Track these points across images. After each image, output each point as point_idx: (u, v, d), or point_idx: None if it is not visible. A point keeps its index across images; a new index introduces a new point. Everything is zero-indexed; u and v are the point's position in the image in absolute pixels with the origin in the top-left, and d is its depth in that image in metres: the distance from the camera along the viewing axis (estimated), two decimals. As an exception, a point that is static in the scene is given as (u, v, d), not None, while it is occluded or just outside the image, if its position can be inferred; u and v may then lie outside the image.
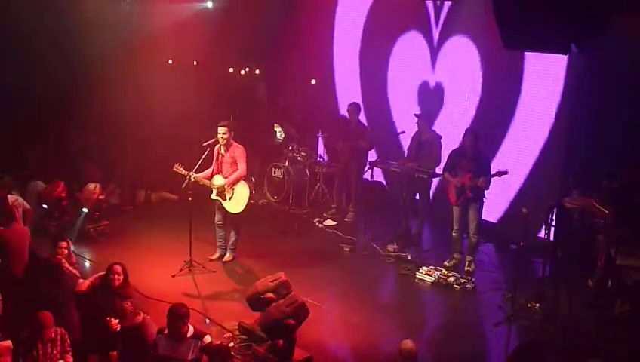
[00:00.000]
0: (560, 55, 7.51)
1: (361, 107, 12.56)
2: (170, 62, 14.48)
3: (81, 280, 7.93)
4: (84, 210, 11.13)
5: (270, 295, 7.96)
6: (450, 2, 12.19)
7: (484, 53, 11.70)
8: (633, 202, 9.32)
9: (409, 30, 12.97)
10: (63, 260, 8.15)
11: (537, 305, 9.23)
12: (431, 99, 12.67)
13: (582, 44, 6.56)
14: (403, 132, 11.84)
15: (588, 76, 9.99)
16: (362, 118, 12.68)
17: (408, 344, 6.71)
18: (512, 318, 8.96)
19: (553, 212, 9.22)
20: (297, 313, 7.54)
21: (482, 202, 10.32)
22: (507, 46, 6.86)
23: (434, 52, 12.62)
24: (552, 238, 9.46)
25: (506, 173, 9.91)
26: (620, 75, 9.58)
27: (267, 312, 7.71)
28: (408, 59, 13.06)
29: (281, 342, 7.57)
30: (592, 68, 9.78)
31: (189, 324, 6.80)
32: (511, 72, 11.32)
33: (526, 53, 10.64)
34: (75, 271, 8.28)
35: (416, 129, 11.46)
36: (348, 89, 14.15)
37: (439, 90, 12.63)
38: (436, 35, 12.54)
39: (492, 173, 10.01)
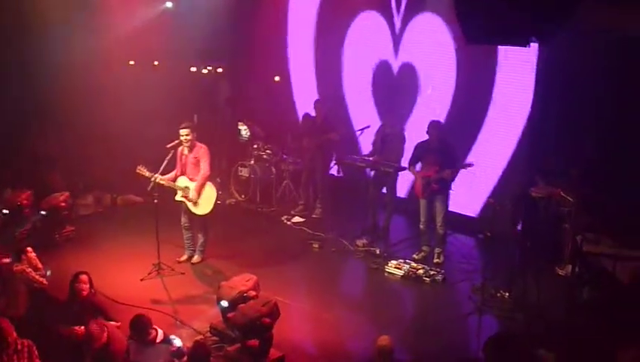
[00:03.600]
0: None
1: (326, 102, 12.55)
2: (131, 63, 14.33)
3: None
4: (42, 212, 10.94)
5: (253, 293, 8.00)
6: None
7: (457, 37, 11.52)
8: (598, 190, 9.45)
9: (365, 11, 12.98)
10: (28, 269, 8.03)
11: (507, 294, 9.32)
12: (395, 88, 12.67)
13: (543, 37, 6.59)
14: (368, 126, 11.84)
15: (554, 68, 10.11)
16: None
17: (385, 340, 6.72)
18: (482, 308, 9.02)
19: (520, 201, 9.31)
20: (272, 313, 7.51)
21: (448, 194, 10.37)
22: (469, 40, 6.88)
23: (396, 35, 12.62)
24: (519, 227, 9.56)
25: (471, 165, 9.97)
26: (583, 67, 9.73)
27: (241, 312, 7.63)
28: (366, 46, 13.04)
29: (252, 342, 7.51)
30: (557, 60, 9.91)
31: (156, 329, 6.74)
32: (486, 61, 11.32)
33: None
34: (41, 279, 8.16)
35: (380, 123, 11.49)
36: (304, 85, 14.15)
37: (405, 78, 12.63)
38: (398, 19, 12.53)
39: (458, 165, 10.06)
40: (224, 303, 7.90)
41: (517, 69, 11.01)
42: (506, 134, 11.33)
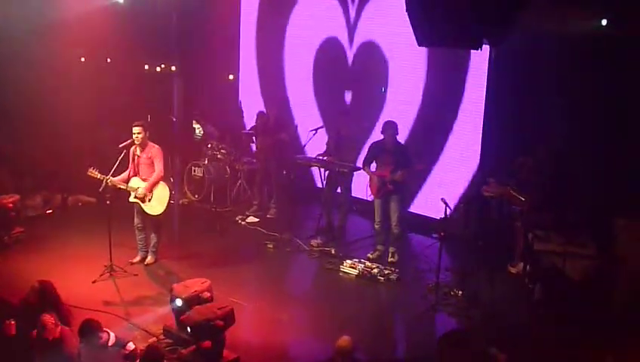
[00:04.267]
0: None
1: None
2: (82, 59, 14.11)
3: None
4: None
5: (208, 294, 7.96)
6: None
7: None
8: (546, 185, 9.61)
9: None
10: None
11: (460, 292, 9.41)
12: (350, 84, 12.72)
13: (493, 38, 6.69)
14: (322, 126, 11.86)
15: (502, 68, 10.26)
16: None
17: (345, 341, 6.72)
18: (436, 307, 9.10)
19: (471, 200, 9.42)
20: (226, 317, 7.46)
21: (404, 194, 10.43)
22: (421, 44, 6.95)
23: (350, 22, 12.65)
24: (471, 226, 9.68)
25: (424, 166, 10.05)
26: (532, 66, 9.89)
27: (196, 311, 7.58)
28: (316, 37, 13.11)
29: (206, 343, 7.46)
30: (506, 60, 10.05)
31: (108, 332, 6.66)
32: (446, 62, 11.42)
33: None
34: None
35: (336, 123, 11.51)
36: (252, 85, 14.16)
37: (359, 71, 12.65)
38: (353, 10, 12.58)
39: (411, 166, 10.14)
40: (178, 302, 7.83)
41: (474, 67, 11.13)
42: (466, 134, 11.43)
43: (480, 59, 10.74)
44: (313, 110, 13.20)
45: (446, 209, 9.23)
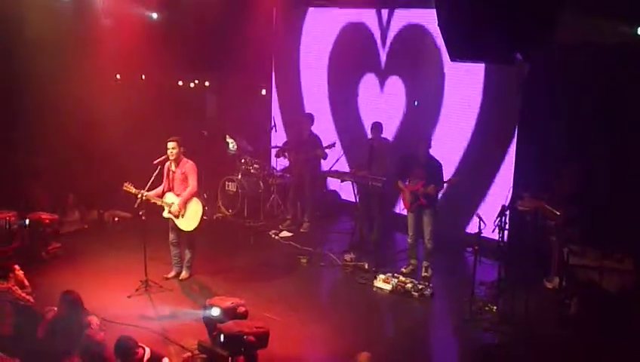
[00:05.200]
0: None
1: (314, 118, 12.58)
2: (118, 77, 14.31)
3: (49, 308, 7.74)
4: (26, 221, 10.89)
5: (243, 309, 7.99)
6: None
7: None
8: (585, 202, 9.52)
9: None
10: (15, 287, 7.99)
11: (494, 307, 9.33)
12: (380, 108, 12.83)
13: (527, 53, 6.67)
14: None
15: (533, 82, 10.20)
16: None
17: (364, 357, 6.70)
18: (470, 322, 9.03)
19: (506, 215, 9.34)
20: (260, 337, 7.50)
21: (436, 208, 10.39)
22: (453, 58, 6.94)
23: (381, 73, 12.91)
24: (506, 240, 9.59)
25: (457, 180, 10.01)
26: (566, 80, 9.82)
27: (235, 323, 7.66)
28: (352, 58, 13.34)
29: (241, 359, 7.50)
30: (537, 74, 9.99)
31: (143, 348, 6.72)
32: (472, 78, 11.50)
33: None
34: (28, 296, 8.12)
35: (370, 137, 11.52)
36: (290, 100, 14.21)
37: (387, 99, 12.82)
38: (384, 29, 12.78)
39: (444, 180, 10.10)
40: (216, 311, 7.86)
41: (504, 82, 11.09)
42: (493, 148, 11.44)
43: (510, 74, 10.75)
44: (348, 125, 13.25)
45: (480, 223, 9.18)
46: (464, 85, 11.62)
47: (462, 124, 11.74)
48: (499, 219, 9.23)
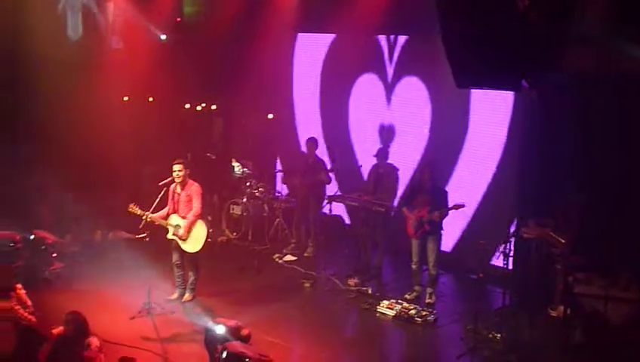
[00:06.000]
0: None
1: (318, 142, 12.61)
2: (125, 98, 14.39)
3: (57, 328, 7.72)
4: (32, 236, 10.89)
5: (247, 331, 8.03)
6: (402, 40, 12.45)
7: (433, 90, 12.08)
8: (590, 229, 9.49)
9: (365, 69, 13.27)
10: (17, 306, 7.97)
11: (498, 335, 9.27)
12: (387, 133, 12.84)
13: (532, 80, 6.69)
14: (361, 166, 11.89)
15: (537, 109, 10.22)
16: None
17: None
18: (474, 350, 8.96)
19: (510, 241, 9.31)
20: None
21: (440, 234, 10.38)
22: (460, 86, 6.97)
23: (388, 88, 12.86)
24: (510, 268, 9.56)
25: (462, 206, 10.00)
26: (571, 106, 9.85)
27: (241, 344, 7.68)
28: (365, 96, 13.37)
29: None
30: (542, 101, 10.01)
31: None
32: (459, 106, 11.58)
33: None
34: (30, 316, 8.10)
35: (375, 162, 11.54)
36: (307, 124, 14.27)
37: (394, 124, 12.85)
38: (390, 71, 12.79)
39: (449, 206, 10.09)
40: (221, 328, 7.85)
41: (491, 110, 11.31)
42: (479, 174, 11.58)
43: (505, 100, 10.90)
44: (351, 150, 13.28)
45: (485, 250, 9.16)
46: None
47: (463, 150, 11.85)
48: (503, 246, 9.20)
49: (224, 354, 7.48)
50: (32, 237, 10.94)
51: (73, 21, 13.46)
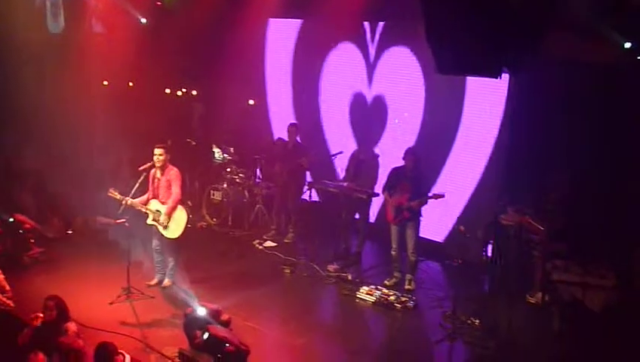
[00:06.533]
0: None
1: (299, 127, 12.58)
2: (105, 83, 14.27)
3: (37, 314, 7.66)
4: (10, 219, 10.83)
5: (227, 317, 8.17)
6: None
7: (426, 66, 11.72)
8: (569, 216, 9.56)
9: (343, 43, 13.15)
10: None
11: (477, 321, 9.33)
12: (369, 116, 12.79)
13: (514, 67, 6.72)
14: (341, 152, 11.86)
15: (524, 97, 10.26)
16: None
17: None
18: (452, 335, 9.02)
19: (490, 229, 9.37)
20: (240, 354, 7.58)
21: (419, 221, 10.40)
22: (441, 71, 6.98)
23: (370, 66, 12.76)
24: (489, 255, 9.62)
25: (442, 196, 10.03)
26: (552, 95, 9.89)
27: (223, 329, 7.77)
28: (342, 75, 13.22)
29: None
30: (527, 88, 10.05)
31: (123, 354, 6.68)
32: (453, 91, 11.46)
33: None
34: (8, 301, 8.05)
35: (355, 148, 11.52)
36: (281, 110, 14.25)
37: (377, 106, 12.75)
38: (372, 49, 12.67)
39: (429, 195, 10.11)
40: (202, 310, 7.88)
41: (486, 97, 11.14)
42: (473, 161, 11.46)
43: (499, 88, 10.79)
44: (339, 136, 13.26)
45: (465, 237, 9.20)
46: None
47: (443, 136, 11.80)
48: (482, 233, 9.26)
49: (205, 336, 7.51)
50: (11, 220, 10.86)
51: (54, 9, 13.32)
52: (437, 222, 11.53)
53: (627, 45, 9.14)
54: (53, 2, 13.20)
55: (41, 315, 7.44)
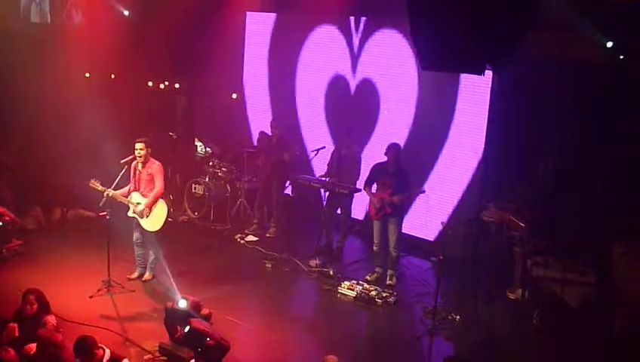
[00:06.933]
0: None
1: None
2: (87, 75, 14.17)
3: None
4: None
5: (207, 311, 8.16)
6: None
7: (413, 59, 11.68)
8: (548, 211, 9.62)
9: (322, 34, 13.12)
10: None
11: (457, 317, 9.37)
12: (351, 110, 12.77)
13: (496, 64, 6.74)
14: (324, 147, 11.85)
15: (507, 93, 10.29)
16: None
17: (332, 360, 6.71)
18: (433, 331, 9.04)
19: (472, 225, 9.41)
20: (219, 348, 7.56)
21: (402, 217, 10.43)
22: (424, 67, 7.00)
23: (354, 53, 12.73)
24: (471, 251, 9.66)
25: (423, 192, 10.05)
26: (533, 91, 9.94)
27: (204, 323, 7.73)
28: (323, 64, 13.16)
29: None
30: (511, 85, 10.08)
31: (103, 349, 6.65)
32: (446, 83, 11.37)
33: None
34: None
35: (336, 144, 11.52)
36: (259, 103, 14.21)
37: (361, 97, 12.71)
38: (357, 37, 12.65)
39: (409, 191, 10.13)
40: (183, 302, 7.86)
41: (474, 92, 11.13)
42: (464, 158, 11.41)
43: (481, 84, 10.80)
44: (319, 131, 13.24)
45: (446, 232, 9.22)
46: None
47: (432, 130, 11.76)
48: (464, 229, 9.29)
49: (186, 328, 7.50)
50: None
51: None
52: (426, 219, 11.56)
53: (609, 44, 9.20)
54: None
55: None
